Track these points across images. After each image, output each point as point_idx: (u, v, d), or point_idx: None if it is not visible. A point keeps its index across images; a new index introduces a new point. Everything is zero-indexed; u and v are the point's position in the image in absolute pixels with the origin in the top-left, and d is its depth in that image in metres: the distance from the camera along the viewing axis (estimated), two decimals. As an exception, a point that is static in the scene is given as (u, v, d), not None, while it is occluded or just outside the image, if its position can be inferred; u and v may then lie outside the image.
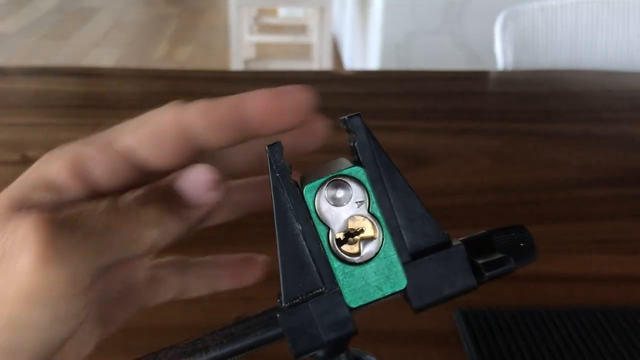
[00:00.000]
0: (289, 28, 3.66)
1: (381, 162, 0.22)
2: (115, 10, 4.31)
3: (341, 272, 0.21)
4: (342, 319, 0.21)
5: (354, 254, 0.21)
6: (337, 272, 0.21)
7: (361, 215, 0.21)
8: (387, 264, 0.21)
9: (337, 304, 0.21)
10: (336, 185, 0.21)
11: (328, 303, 0.21)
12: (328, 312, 0.21)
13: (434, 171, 0.76)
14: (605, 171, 0.77)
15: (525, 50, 1.24)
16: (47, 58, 3.34)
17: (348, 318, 0.21)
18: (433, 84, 1.05)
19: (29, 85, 1.01)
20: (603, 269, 0.59)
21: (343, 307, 0.21)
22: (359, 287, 0.21)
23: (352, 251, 0.21)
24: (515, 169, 0.77)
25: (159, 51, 3.55)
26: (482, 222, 0.66)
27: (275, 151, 0.21)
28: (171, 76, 1.09)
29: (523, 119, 0.91)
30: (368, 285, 0.21)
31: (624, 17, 1.25)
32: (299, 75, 1.13)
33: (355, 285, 0.21)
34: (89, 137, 0.22)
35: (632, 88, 1.07)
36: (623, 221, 0.67)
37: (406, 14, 2.16)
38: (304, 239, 0.21)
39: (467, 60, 2.19)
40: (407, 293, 0.22)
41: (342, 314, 0.21)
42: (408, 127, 0.87)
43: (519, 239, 0.23)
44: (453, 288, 0.22)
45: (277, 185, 0.21)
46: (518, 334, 0.49)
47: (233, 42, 2.70)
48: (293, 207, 0.21)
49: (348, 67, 3.14)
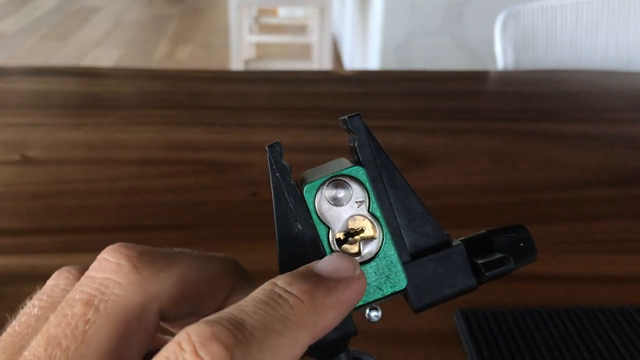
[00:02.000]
0: (289, 28, 3.66)
1: (381, 162, 0.22)
2: (115, 10, 4.31)
3: (341, 272, 0.21)
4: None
5: (354, 253, 0.21)
6: (337, 272, 0.21)
7: (361, 215, 0.21)
8: (387, 263, 0.21)
9: None
10: (336, 185, 0.21)
11: None
12: None
13: (434, 171, 0.76)
14: (605, 171, 0.77)
15: (525, 50, 1.24)
16: (47, 58, 3.34)
17: (348, 318, 0.21)
18: (433, 84, 1.05)
19: (29, 85, 1.01)
20: (603, 269, 0.59)
21: (343, 307, 0.21)
22: (359, 287, 0.21)
23: (352, 251, 0.21)
24: (515, 169, 0.77)
25: (159, 51, 3.55)
26: (482, 222, 0.66)
27: (275, 151, 0.21)
28: (171, 76, 1.09)
29: (523, 119, 0.91)
30: (368, 285, 0.21)
31: (624, 17, 1.25)
32: (299, 75, 1.13)
33: (355, 285, 0.21)
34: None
35: (632, 88, 1.07)
36: (623, 221, 0.67)
37: (406, 14, 2.16)
38: (304, 239, 0.21)
39: (467, 60, 2.19)
40: (407, 293, 0.22)
41: None
42: (408, 127, 0.87)
43: (519, 239, 0.23)
44: (453, 288, 0.22)
45: (277, 185, 0.21)
46: (518, 334, 0.49)
47: (233, 42, 2.70)
48: (293, 207, 0.21)
49: (348, 67, 3.14)
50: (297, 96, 0.97)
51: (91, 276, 0.19)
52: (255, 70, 2.67)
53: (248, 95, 0.97)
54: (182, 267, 0.20)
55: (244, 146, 0.80)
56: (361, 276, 0.20)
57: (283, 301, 0.18)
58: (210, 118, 0.88)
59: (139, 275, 0.19)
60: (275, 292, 0.18)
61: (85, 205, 0.66)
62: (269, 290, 0.18)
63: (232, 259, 0.22)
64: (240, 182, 0.72)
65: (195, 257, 0.21)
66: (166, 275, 0.19)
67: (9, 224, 0.63)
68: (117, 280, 0.18)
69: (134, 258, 0.19)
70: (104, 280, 0.18)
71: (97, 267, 0.19)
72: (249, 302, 0.18)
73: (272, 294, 0.18)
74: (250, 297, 0.18)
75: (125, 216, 0.65)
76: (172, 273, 0.19)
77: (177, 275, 0.19)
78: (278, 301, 0.18)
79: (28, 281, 0.55)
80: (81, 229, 0.63)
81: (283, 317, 0.17)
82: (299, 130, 0.84)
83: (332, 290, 0.19)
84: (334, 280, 0.19)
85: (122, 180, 0.72)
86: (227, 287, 0.21)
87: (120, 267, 0.19)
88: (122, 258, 0.19)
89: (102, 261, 0.19)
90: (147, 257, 0.19)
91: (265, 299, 0.18)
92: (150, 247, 0.20)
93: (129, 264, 0.19)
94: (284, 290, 0.18)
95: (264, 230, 0.63)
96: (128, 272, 0.19)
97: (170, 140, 0.81)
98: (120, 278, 0.18)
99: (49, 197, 0.68)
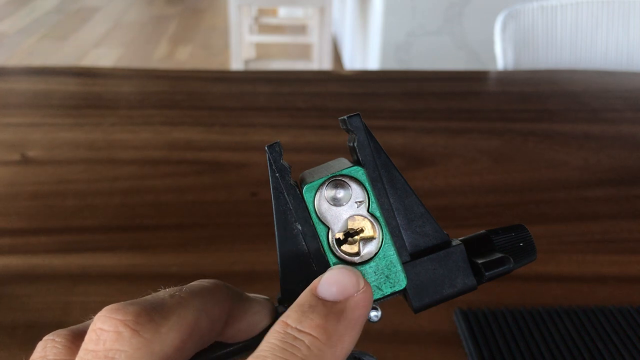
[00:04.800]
0: (289, 28, 3.66)
1: (381, 162, 0.22)
2: (115, 10, 4.31)
3: (341, 272, 0.21)
4: None
5: (353, 253, 0.21)
6: (337, 272, 0.21)
7: (361, 215, 0.21)
8: (387, 263, 0.21)
9: None
10: (336, 185, 0.21)
11: None
12: None
13: (434, 171, 0.76)
14: (605, 171, 0.77)
15: (525, 50, 1.24)
16: (47, 58, 3.34)
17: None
18: (433, 84, 1.05)
19: (29, 85, 1.01)
20: (603, 269, 0.59)
21: (343, 307, 0.21)
22: (359, 287, 0.21)
23: (351, 251, 0.21)
24: (515, 169, 0.77)
25: (159, 51, 3.55)
26: (482, 222, 0.66)
27: (274, 151, 0.21)
28: (171, 76, 1.09)
29: (523, 119, 0.91)
30: (368, 285, 0.21)
31: (624, 17, 1.25)
32: (299, 75, 1.13)
33: (355, 285, 0.21)
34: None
35: (632, 88, 1.07)
36: (623, 221, 0.67)
37: (406, 14, 2.16)
38: (304, 239, 0.21)
39: (467, 60, 2.19)
40: (406, 293, 0.22)
41: None
42: (408, 127, 0.87)
43: (519, 239, 0.23)
44: (453, 288, 0.22)
45: (276, 185, 0.21)
46: (518, 334, 0.49)
47: (233, 42, 2.70)
48: (292, 207, 0.21)
49: (348, 67, 3.14)
50: (297, 96, 0.97)
51: (92, 350, 0.18)
52: (255, 70, 2.67)
53: (248, 95, 0.97)
54: (179, 314, 0.19)
55: (244, 146, 0.80)
56: (366, 287, 0.20)
57: (299, 343, 0.18)
58: (210, 118, 0.88)
59: (142, 338, 0.18)
60: (289, 334, 0.18)
61: (85, 205, 0.66)
62: (282, 333, 0.18)
63: (220, 282, 0.21)
64: (240, 182, 0.72)
65: (187, 298, 0.20)
66: (167, 329, 0.19)
67: (9, 224, 0.63)
68: (122, 349, 0.18)
69: (131, 322, 0.18)
70: (107, 352, 0.18)
71: (95, 339, 0.18)
72: (267, 351, 0.18)
73: (287, 337, 0.18)
74: (266, 344, 0.18)
75: (125, 216, 0.65)
76: (172, 325, 0.19)
77: (176, 325, 0.19)
78: (294, 344, 0.18)
79: (28, 281, 0.55)
80: (81, 229, 0.63)
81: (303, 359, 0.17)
82: (298, 130, 0.84)
83: (343, 315, 0.19)
84: (342, 302, 0.19)
85: (122, 180, 0.72)
86: (224, 314, 0.21)
87: (120, 335, 0.18)
88: (120, 325, 0.18)
89: (98, 332, 0.18)
90: (142, 317, 0.18)
91: (281, 344, 0.18)
92: (140, 303, 0.19)
93: (128, 330, 0.18)
94: (297, 330, 0.18)
95: (264, 230, 0.63)
96: (130, 338, 0.18)
97: (170, 140, 0.81)
98: (124, 347, 0.18)
99: (49, 197, 0.68)
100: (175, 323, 0.19)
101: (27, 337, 0.49)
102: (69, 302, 0.52)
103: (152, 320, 0.18)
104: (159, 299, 0.20)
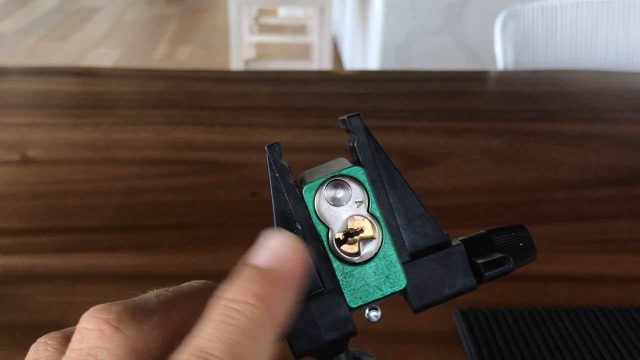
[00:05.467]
0: (289, 28, 3.66)
1: (380, 162, 0.22)
2: (115, 10, 4.31)
3: (341, 272, 0.21)
4: (342, 319, 0.21)
5: (353, 254, 0.21)
6: (337, 272, 0.21)
7: (361, 215, 0.21)
8: (387, 263, 0.21)
9: (337, 304, 0.21)
10: (336, 185, 0.21)
11: (328, 303, 0.21)
12: (328, 312, 0.21)
13: (434, 171, 0.76)
14: (605, 171, 0.77)
15: (525, 50, 1.24)
16: (47, 58, 3.34)
17: (348, 318, 0.21)
18: (433, 84, 1.05)
19: (29, 85, 1.01)
20: (603, 269, 0.59)
21: (343, 307, 0.21)
22: (359, 287, 0.21)
23: (351, 251, 0.21)
24: (515, 169, 0.77)
25: (159, 51, 3.55)
26: (482, 222, 0.66)
27: (274, 151, 0.21)
28: (171, 76, 1.09)
29: (523, 119, 0.91)
30: (368, 285, 0.21)
31: (624, 17, 1.25)
32: (299, 75, 1.13)
33: (355, 285, 0.21)
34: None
35: (632, 88, 1.07)
36: (623, 221, 0.67)
37: (406, 14, 2.16)
38: (304, 239, 0.21)
39: (467, 60, 2.19)
40: (406, 293, 0.22)
41: (342, 314, 0.21)
42: (408, 127, 0.87)
43: (519, 239, 0.23)
44: (453, 288, 0.22)
45: (276, 185, 0.21)
46: (518, 334, 0.49)
47: (233, 42, 2.70)
48: (292, 207, 0.21)
49: (348, 67, 3.14)
50: (297, 96, 0.97)
51: (76, 349, 0.18)
52: (255, 70, 2.67)
53: (248, 95, 0.97)
54: (163, 312, 0.19)
55: (244, 146, 0.80)
56: (297, 245, 0.19)
57: (238, 314, 0.18)
58: (210, 118, 0.88)
59: (123, 335, 0.18)
60: (227, 306, 0.18)
61: (85, 205, 0.66)
62: (221, 306, 0.18)
63: (210, 283, 0.21)
64: (240, 182, 0.72)
65: (173, 297, 0.20)
66: (150, 327, 0.19)
67: (9, 224, 0.63)
68: (104, 346, 0.18)
69: (113, 320, 0.18)
70: (90, 350, 0.18)
71: (79, 338, 0.18)
72: (208, 328, 0.17)
73: (226, 310, 0.18)
74: (206, 321, 0.18)
75: (125, 216, 0.65)
76: (154, 323, 0.19)
77: (159, 322, 0.19)
78: (234, 316, 0.18)
79: (28, 281, 0.55)
80: (81, 229, 0.63)
81: (244, 330, 0.17)
82: (298, 130, 0.84)
83: (279, 280, 0.19)
84: (275, 267, 0.19)
85: (122, 180, 0.72)
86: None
87: (102, 333, 0.18)
88: (102, 323, 0.18)
89: (82, 331, 0.19)
90: (125, 315, 0.19)
91: (220, 317, 0.18)
92: (125, 302, 0.19)
93: (110, 328, 0.18)
94: (234, 301, 0.18)
95: (264, 230, 0.62)
96: (112, 336, 0.18)
97: (170, 140, 0.81)
98: (106, 344, 0.18)
99: (49, 197, 0.68)
100: (159, 321, 0.19)
101: (27, 337, 0.49)
102: (69, 302, 0.52)
103: (134, 318, 0.19)
104: (145, 299, 0.20)
